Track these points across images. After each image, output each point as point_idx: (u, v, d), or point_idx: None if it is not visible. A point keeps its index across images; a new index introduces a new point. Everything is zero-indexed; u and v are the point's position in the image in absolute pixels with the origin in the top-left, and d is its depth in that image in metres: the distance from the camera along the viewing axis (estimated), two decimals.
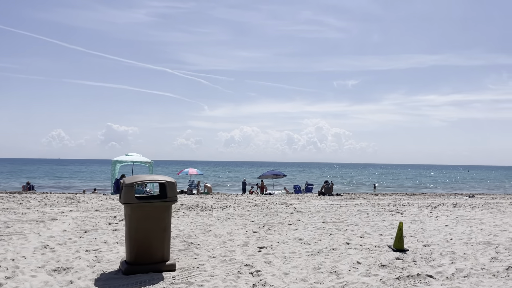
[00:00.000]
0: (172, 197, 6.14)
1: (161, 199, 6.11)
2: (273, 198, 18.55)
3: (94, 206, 13.43)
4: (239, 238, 8.26)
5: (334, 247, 7.48)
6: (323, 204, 15.50)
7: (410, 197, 20.66)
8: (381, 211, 12.91)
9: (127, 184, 5.95)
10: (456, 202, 16.74)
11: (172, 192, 6.14)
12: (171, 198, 6.12)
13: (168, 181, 6.16)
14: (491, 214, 12.43)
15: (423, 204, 15.34)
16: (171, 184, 6.15)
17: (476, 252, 7.13)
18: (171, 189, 6.14)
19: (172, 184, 6.16)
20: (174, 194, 6.16)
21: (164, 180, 6.18)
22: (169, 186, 6.14)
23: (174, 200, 6.15)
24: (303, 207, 13.95)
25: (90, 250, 7.10)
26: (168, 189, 6.13)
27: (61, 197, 16.80)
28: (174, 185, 6.19)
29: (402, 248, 7.38)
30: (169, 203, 6.13)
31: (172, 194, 6.14)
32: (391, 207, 14.15)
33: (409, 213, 12.46)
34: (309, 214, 12.08)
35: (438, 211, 13.03)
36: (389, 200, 17.88)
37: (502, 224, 10.32)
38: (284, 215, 11.70)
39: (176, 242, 7.78)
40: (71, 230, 8.96)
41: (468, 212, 12.94)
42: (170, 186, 6.14)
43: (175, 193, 6.18)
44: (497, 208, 14.18)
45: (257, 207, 13.77)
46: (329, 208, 13.90)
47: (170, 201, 6.12)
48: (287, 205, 14.85)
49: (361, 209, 13.46)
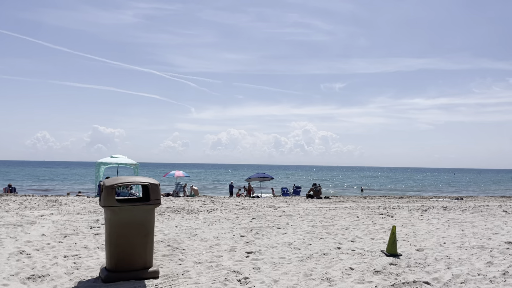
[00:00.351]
0: (156, 200, 5.80)
1: (144, 202, 5.77)
2: (260, 201, 18.25)
3: (76, 209, 12.96)
4: (226, 242, 7.94)
5: (325, 252, 7.21)
6: (312, 207, 15.26)
7: (399, 200, 20.56)
8: (371, 214, 12.71)
9: (108, 186, 5.60)
10: (445, 205, 16.66)
11: (156, 194, 5.80)
12: (154, 201, 5.78)
13: (151, 183, 5.82)
14: (482, 217, 12.32)
15: (413, 207, 15.20)
16: (154, 186, 5.82)
17: (471, 257, 6.92)
18: (155, 192, 5.80)
19: (156, 186, 5.82)
20: (158, 197, 5.82)
21: (147, 182, 5.83)
22: (152, 188, 5.79)
23: (157, 203, 5.81)
24: (291, 210, 13.68)
25: (69, 255, 6.71)
26: (151, 191, 5.79)
27: (42, 199, 16.26)
28: (158, 187, 5.85)
29: (395, 253, 7.15)
30: (152, 207, 5.79)
31: (155, 196, 5.80)
32: (381, 210, 13.96)
33: (400, 216, 12.28)
34: (298, 217, 11.81)
35: (428, 214, 12.87)
36: (379, 203, 17.73)
37: (493, 227, 10.18)
38: (273, 219, 11.41)
39: (160, 247, 7.43)
40: (50, 234, 8.54)
41: (458, 215, 12.82)
42: (154, 188, 5.80)
43: (159, 196, 5.84)
44: (487, 211, 14.10)
45: (245, 210, 13.46)
46: (318, 211, 13.65)
47: (153, 204, 5.77)
48: (275, 208, 14.57)
49: (351, 212, 13.25)
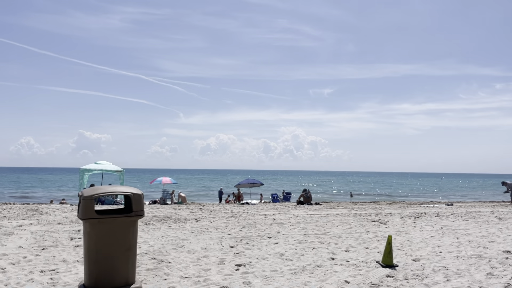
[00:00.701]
0: (138, 211, 5.38)
1: (126, 214, 5.35)
2: (250, 208, 17.85)
3: (57, 219, 12.42)
4: (214, 254, 7.55)
5: (318, 263, 6.86)
6: (303, 214, 14.91)
7: (390, 206, 20.34)
8: (363, 222, 12.41)
9: (86, 197, 5.18)
10: (437, 211, 16.46)
11: (138, 205, 5.39)
12: (137, 212, 5.37)
13: (134, 193, 5.41)
14: (476, 224, 12.11)
15: (405, 214, 14.96)
16: (137, 196, 5.41)
17: (469, 267, 6.64)
18: (137, 202, 5.39)
19: (138, 197, 5.41)
20: (141, 208, 5.41)
21: (129, 192, 5.42)
22: (135, 199, 5.38)
23: (140, 215, 5.40)
24: (282, 218, 13.32)
25: (46, 270, 6.26)
26: (134, 202, 5.38)
27: (22, 208, 15.64)
28: (141, 197, 5.44)
29: (391, 263, 6.83)
30: (134, 218, 5.37)
31: (138, 207, 5.38)
32: (373, 217, 13.68)
33: (393, 224, 12.00)
34: (289, 225, 11.45)
35: (421, 221, 12.62)
36: (370, 209, 17.47)
37: (489, 235, 9.95)
38: (263, 227, 11.04)
39: (144, 260, 7.00)
40: (28, 246, 8.05)
41: (451, 222, 12.59)
42: (136, 199, 5.39)
43: (142, 207, 5.43)
44: (480, 217, 13.92)
45: (234, 218, 13.06)
46: (309, 218, 13.31)
47: (135, 216, 5.36)
48: (265, 215, 14.19)
49: (343, 220, 12.93)
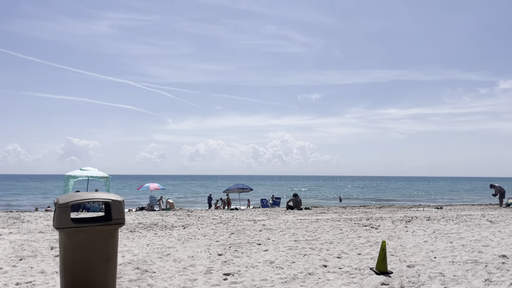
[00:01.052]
0: (118, 219, 5.05)
1: (105, 222, 5.02)
2: (239, 214, 17.52)
3: (39, 227, 11.96)
4: (201, 262, 7.21)
5: (310, 271, 6.57)
6: (293, 219, 14.63)
7: (380, 210, 20.18)
8: (354, 226, 12.18)
9: (61, 205, 4.83)
10: (428, 215, 16.32)
11: (119, 213, 5.06)
12: (117, 220, 5.04)
13: (114, 200, 5.08)
14: (468, 227, 11.96)
15: (396, 218, 14.77)
16: (117, 203, 5.07)
17: (466, 273, 6.41)
18: (117, 210, 5.06)
19: (119, 204, 5.08)
20: (121, 216, 5.08)
21: (109, 199, 5.09)
22: (115, 206, 5.05)
23: (120, 223, 5.07)
24: (272, 224, 13.02)
25: (22, 283, 5.88)
26: (114, 209, 5.05)
27: (3, 216, 15.10)
28: (121, 204, 5.11)
29: (385, 270, 6.57)
30: (114, 227, 5.04)
31: (118, 215, 5.05)
32: (364, 222, 13.46)
33: (384, 228, 11.79)
34: (279, 231, 11.16)
35: (413, 225, 12.44)
36: (361, 213, 17.26)
37: (482, 239, 9.78)
38: (252, 233, 10.73)
39: (127, 270, 6.64)
40: (5, 257, 7.63)
41: (443, 225, 12.43)
42: (116, 206, 5.06)
43: (122, 214, 5.10)
44: (471, 220, 13.79)
45: (223, 225, 12.72)
46: (300, 224, 13.03)
47: (115, 224, 5.03)
48: (255, 221, 13.88)
49: (334, 225, 12.68)
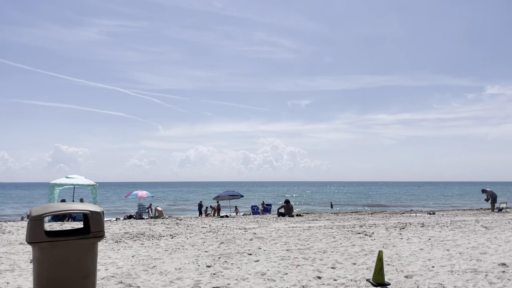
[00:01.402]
0: (98, 232, 4.67)
1: (82, 235, 4.63)
2: (229, 222, 17.12)
3: (20, 238, 11.44)
4: (189, 275, 6.82)
5: (303, 284, 6.23)
6: (285, 227, 14.28)
7: (372, 216, 19.93)
8: (348, 234, 11.87)
9: (34, 217, 4.44)
10: (422, 221, 16.09)
11: (98, 225, 4.68)
12: (95, 233, 4.66)
13: (92, 211, 4.70)
14: (463, 234, 11.72)
15: (390, 224, 14.51)
16: (95, 214, 4.69)
17: (467, 284, 6.12)
18: (96, 222, 4.68)
19: (97, 215, 4.70)
20: (100, 228, 4.70)
21: (86, 210, 4.71)
22: (93, 218, 4.67)
23: (99, 236, 4.68)
24: (263, 232, 12.65)
25: None
26: (92, 221, 4.67)
27: None
28: (100, 216, 4.73)
29: (382, 282, 6.25)
30: (93, 240, 4.66)
31: (97, 228, 4.67)
32: (357, 229, 13.16)
33: (378, 236, 11.49)
34: (270, 240, 10.80)
35: (407, 232, 12.17)
36: (353, 220, 16.98)
37: (479, 246, 9.53)
38: (243, 243, 10.35)
39: (110, 285, 6.22)
40: None
41: (438, 232, 12.18)
42: (95, 218, 4.68)
43: (102, 226, 4.71)
44: (465, 226, 13.57)
45: (212, 234, 12.32)
46: (291, 232, 12.69)
47: (94, 238, 4.65)
48: (245, 229, 13.49)
49: (327, 232, 12.36)
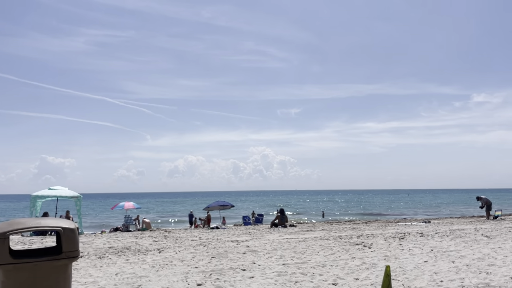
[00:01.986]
0: (70, 251, 4.03)
1: (53, 256, 3.99)
2: (220, 234, 16.45)
3: None
4: None
5: None
6: (279, 239, 13.66)
7: (367, 226, 19.42)
8: (346, 246, 11.31)
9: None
10: (420, 230, 15.61)
11: (71, 244, 4.04)
12: (68, 253, 4.02)
13: (65, 228, 4.06)
14: (465, 244, 11.24)
15: (388, 234, 13.98)
16: (69, 232, 4.06)
17: None
18: (70, 240, 4.04)
19: (71, 232, 4.07)
20: (74, 247, 4.06)
21: (58, 227, 4.07)
22: (66, 235, 4.04)
23: (73, 256, 4.04)
24: (256, 245, 12.02)
25: None
26: (65, 239, 4.03)
27: None
28: (75, 233, 4.09)
29: None
30: (65, 262, 4.01)
31: (70, 247, 4.03)
32: (355, 240, 12.60)
33: (378, 247, 10.95)
34: (265, 253, 10.18)
35: (407, 243, 11.65)
36: (349, 230, 16.43)
37: (485, 257, 9.04)
38: (236, 257, 9.71)
39: None
40: None
41: (439, 242, 11.69)
42: (68, 236, 4.04)
43: (76, 245, 4.07)
44: (466, 236, 13.11)
45: (203, 247, 11.65)
46: (286, 244, 12.08)
47: (67, 259, 4.01)
48: (237, 242, 12.84)
49: (323, 244, 11.78)
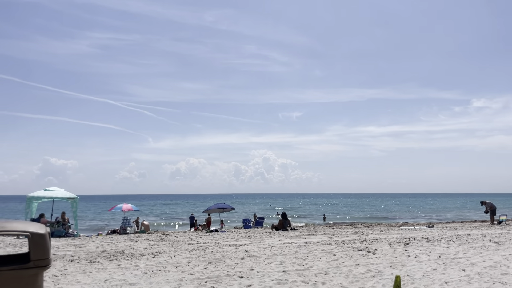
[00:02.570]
0: (40, 260, 3.55)
1: (19, 265, 3.51)
2: (219, 237, 15.94)
3: None
4: None
5: None
6: (279, 243, 13.15)
7: (370, 230, 18.89)
8: (349, 251, 10.79)
9: None
10: (425, 235, 15.07)
11: (41, 251, 3.56)
12: (38, 261, 3.53)
13: (33, 233, 3.58)
14: (474, 250, 10.72)
15: (392, 239, 13.45)
16: (38, 238, 3.58)
17: None
18: (39, 246, 3.56)
19: (41, 238, 3.58)
20: (44, 255, 3.57)
21: (26, 231, 3.58)
22: (34, 242, 3.55)
23: (43, 266, 3.56)
24: (255, 249, 11.51)
25: None
26: (33, 246, 3.55)
27: None
28: (45, 239, 3.61)
29: None
30: (34, 272, 3.53)
31: (39, 255, 3.55)
32: (358, 245, 12.08)
33: (382, 252, 10.44)
34: (264, 259, 9.67)
35: (413, 248, 11.13)
36: (352, 234, 15.90)
37: (496, 265, 8.52)
38: (233, 263, 9.21)
39: None
40: None
41: (446, 248, 11.16)
42: (37, 242, 3.56)
43: (46, 253, 3.59)
44: (474, 242, 12.58)
45: (199, 252, 11.15)
46: (287, 249, 11.57)
47: (35, 268, 3.53)
48: (236, 246, 12.34)
49: (325, 249, 11.27)
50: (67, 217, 19.75)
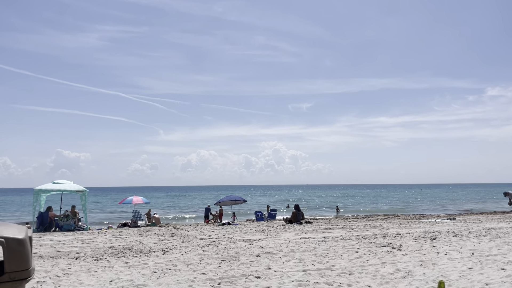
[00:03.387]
0: (17, 272, 2.89)
1: None
2: (232, 231, 15.31)
3: None
4: None
5: None
6: (296, 238, 12.45)
7: (388, 223, 18.09)
8: (372, 247, 10.06)
9: None
10: (450, 229, 14.25)
11: (18, 261, 2.90)
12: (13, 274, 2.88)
13: (8, 238, 2.91)
14: (509, 246, 9.90)
15: (416, 234, 12.66)
16: (14, 244, 2.91)
17: None
18: (16, 256, 2.90)
19: (18, 245, 2.92)
20: (23, 266, 2.92)
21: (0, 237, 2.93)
22: (10, 249, 2.89)
23: (21, 279, 2.91)
24: (271, 245, 10.84)
25: None
26: (8, 255, 2.89)
27: None
28: (24, 245, 2.94)
29: None
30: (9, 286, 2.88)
31: (16, 265, 2.90)
32: (380, 240, 11.34)
33: (408, 249, 9.68)
34: (281, 256, 8.99)
35: (441, 244, 10.35)
36: (371, 228, 15.14)
37: None
38: (248, 260, 8.55)
39: None
40: None
41: (477, 244, 10.37)
42: (13, 249, 2.90)
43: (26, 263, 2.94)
44: (505, 236, 11.74)
45: (212, 247, 10.52)
46: (305, 244, 10.87)
47: (10, 282, 2.87)
48: (250, 242, 11.68)
49: (346, 245, 10.55)
50: (77, 210, 19.32)
